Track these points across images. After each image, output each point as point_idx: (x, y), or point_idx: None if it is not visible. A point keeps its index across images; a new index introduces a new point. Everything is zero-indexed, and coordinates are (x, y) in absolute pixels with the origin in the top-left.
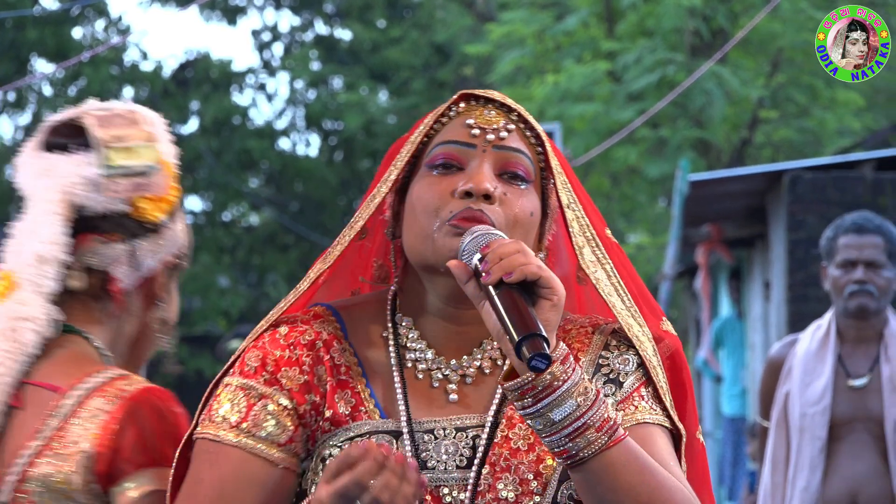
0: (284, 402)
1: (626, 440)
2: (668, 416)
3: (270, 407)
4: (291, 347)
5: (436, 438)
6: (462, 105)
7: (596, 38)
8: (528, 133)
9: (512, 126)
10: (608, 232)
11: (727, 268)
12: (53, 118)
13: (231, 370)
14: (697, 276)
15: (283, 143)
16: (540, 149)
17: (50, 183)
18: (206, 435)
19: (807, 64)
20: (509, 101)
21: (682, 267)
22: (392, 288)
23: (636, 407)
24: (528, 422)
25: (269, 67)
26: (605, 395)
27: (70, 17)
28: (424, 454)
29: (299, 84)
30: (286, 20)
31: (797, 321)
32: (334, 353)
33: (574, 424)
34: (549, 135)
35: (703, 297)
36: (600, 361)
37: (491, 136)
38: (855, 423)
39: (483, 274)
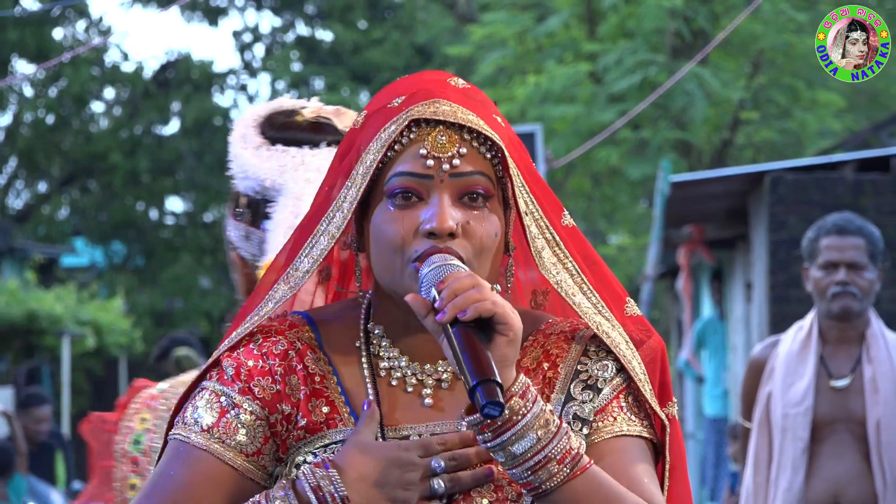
0: (257, 411)
1: (591, 469)
2: (649, 425)
3: (243, 416)
4: (265, 357)
5: None
6: (414, 128)
7: (577, 40)
8: (482, 148)
9: (465, 149)
10: (565, 221)
11: (709, 269)
12: (258, 114)
13: (208, 374)
14: (679, 277)
15: None
16: (496, 155)
17: (309, 176)
18: (178, 436)
19: (787, 65)
20: (459, 118)
21: (663, 268)
22: (366, 296)
23: (614, 418)
24: (491, 454)
25: (250, 68)
26: (583, 402)
27: (51, 17)
28: None
29: (280, 85)
30: (267, 21)
31: (779, 322)
32: (308, 362)
33: (535, 458)
34: (530, 136)
35: (684, 299)
36: (578, 367)
37: (446, 166)
38: (837, 423)
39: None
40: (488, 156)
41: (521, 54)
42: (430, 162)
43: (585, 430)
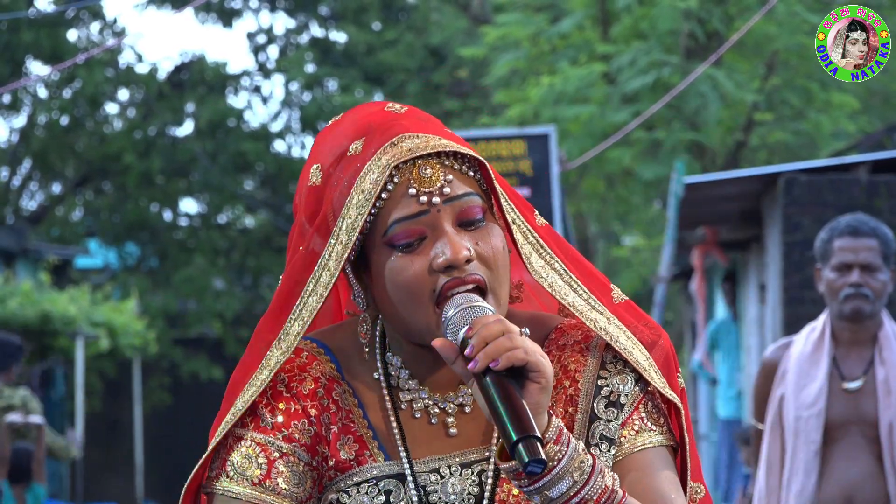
0: (304, 457)
1: (626, 502)
2: (668, 428)
3: (292, 465)
4: (296, 399)
5: (442, 478)
6: (396, 173)
7: (591, 41)
8: (464, 167)
9: (451, 176)
10: (538, 220)
11: (722, 270)
12: None
13: (244, 422)
14: (693, 279)
15: (279, 146)
16: (477, 170)
17: None
18: (228, 492)
19: (802, 67)
20: (432, 146)
21: (677, 269)
22: (377, 327)
23: (636, 431)
24: (528, 497)
25: (264, 70)
26: (608, 421)
27: (65, 19)
28: (432, 495)
29: (294, 86)
30: (281, 22)
31: (792, 323)
32: (336, 396)
33: (572, 501)
34: (544, 138)
35: (698, 300)
36: (599, 383)
37: (437, 199)
38: (849, 426)
39: (469, 360)
40: (471, 173)
41: (534, 56)
42: (423, 199)
43: (613, 450)
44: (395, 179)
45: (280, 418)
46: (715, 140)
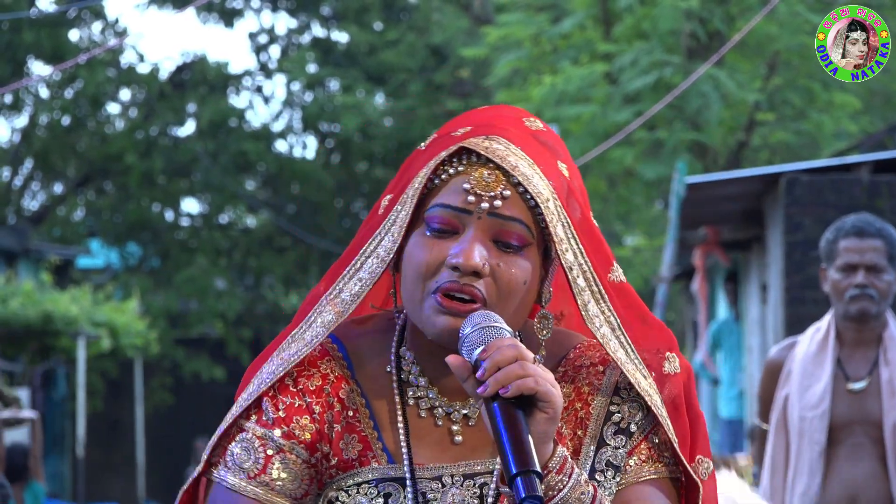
0: (302, 454)
1: None
2: (674, 462)
3: (289, 461)
4: (301, 395)
5: (443, 486)
6: (465, 160)
7: (592, 41)
8: (527, 195)
9: (509, 192)
10: (612, 276)
11: (724, 270)
12: None
13: (248, 414)
14: (694, 279)
15: (280, 146)
16: (539, 210)
17: None
18: (224, 482)
19: (803, 67)
20: (509, 162)
21: (678, 269)
22: (400, 315)
23: (642, 461)
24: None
25: (265, 70)
26: (616, 448)
27: (67, 19)
28: (432, 503)
29: (296, 86)
30: (283, 22)
31: (794, 323)
32: (343, 394)
33: None
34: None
35: (700, 300)
36: (611, 409)
37: (485, 205)
38: (854, 426)
39: (481, 382)
40: (532, 203)
41: (536, 55)
42: (472, 198)
43: (617, 478)
44: (460, 168)
45: (282, 413)
46: (716, 140)
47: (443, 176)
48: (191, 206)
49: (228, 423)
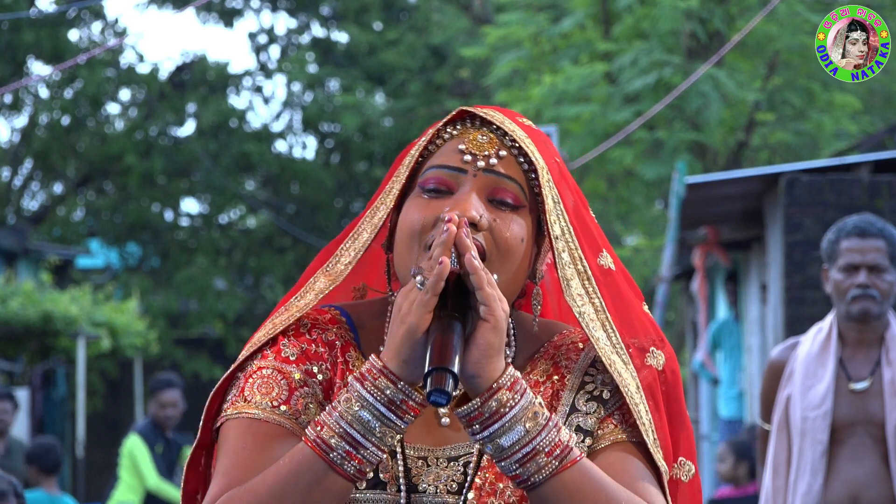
0: (319, 394)
1: (581, 462)
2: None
3: (309, 395)
4: (316, 343)
5: (428, 466)
6: (458, 126)
7: (592, 40)
8: (521, 158)
9: (504, 152)
10: (601, 260)
11: (724, 270)
12: None
13: (262, 354)
14: (694, 279)
15: (280, 146)
16: (534, 175)
17: None
18: (245, 414)
19: (803, 67)
20: (507, 125)
21: (678, 269)
22: (394, 297)
23: (615, 426)
24: (480, 446)
25: (265, 70)
26: (587, 413)
27: (66, 19)
28: (416, 477)
29: (296, 86)
30: (283, 22)
31: (794, 323)
32: (348, 358)
33: (523, 450)
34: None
35: (699, 300)
36: (585, 379)
37: (481, 163)
38: (856, 426)
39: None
40: (526, 167)
41: (536, 55)
42: (468, 157)
43: (588, 441)
44: (455, 132)
45: (301, 352)
46: (716, 140)
47: (437, 142)
48: (191, 206)
49: (234, 368)
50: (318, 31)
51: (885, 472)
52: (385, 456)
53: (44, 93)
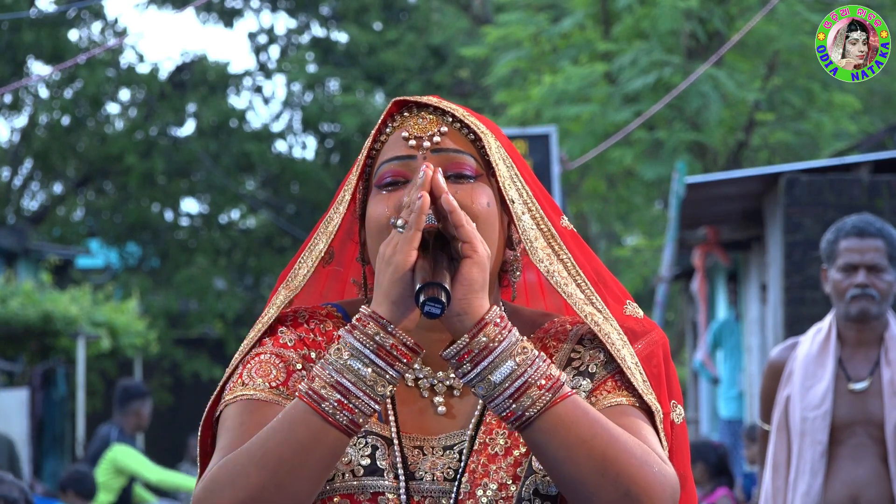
0: None
1: (574, 397)
2: (640, 398)
3: (306, 376)
4: (313, 333)
5: (424, 454)
6: (397, 119)
7: (592, 40)
8: (464, 131)
9: (445, 128)
10: (564, 222)
11: (724, 270)
12: None
13: (261, 342)
14: (694, 279)
15: (280, 146)
16: (481, 144)
17: None
18: (243, 396)
19: (803, 67)
20: (443, 104)
21: (678, 269)
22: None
23: (608, 392)
24: (472, 390)
25: (265, 70)
26: (576, 387)
27: (66, 19)
28: (412, 465)
29: (296, 86)
30: (282, 22)
31: (794, 323)
32: None
33: (515, 384)
34: (544, 138)
35: (699, 300)
36: (572, 356)
37: (427, 143)
38: (855, 426)
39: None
40: (471, 137)
41: (535, 55)
42: (412, 142)
43: None
44: (394, 125)
45: (300, 338)
46: (716, 140)
47: (382, 139)
48: (191, 206)
49: (242, 356)
50: (317, 31)
51: (884, 472)
52: (379, 409)
53: (44, 93)
